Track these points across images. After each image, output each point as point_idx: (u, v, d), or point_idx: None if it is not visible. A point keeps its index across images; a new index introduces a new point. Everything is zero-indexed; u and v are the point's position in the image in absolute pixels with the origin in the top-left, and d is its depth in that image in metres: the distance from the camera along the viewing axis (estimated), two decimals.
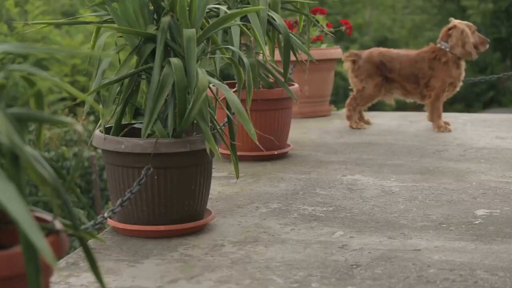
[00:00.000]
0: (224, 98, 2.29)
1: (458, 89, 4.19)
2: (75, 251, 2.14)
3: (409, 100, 4.27)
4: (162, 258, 2.09)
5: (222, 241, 2.24)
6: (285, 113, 3.35)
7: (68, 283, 1.91)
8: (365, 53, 4.22)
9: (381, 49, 4.26)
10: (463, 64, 4.13)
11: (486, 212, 2.53)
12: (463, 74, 4.15)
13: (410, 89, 4.15)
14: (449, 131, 4.11)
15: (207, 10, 2.45)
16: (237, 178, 2.41)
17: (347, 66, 4.25)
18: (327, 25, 4.59)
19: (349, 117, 4.24)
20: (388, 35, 15.59)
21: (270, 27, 3.22)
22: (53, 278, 1.93)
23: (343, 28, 4.74)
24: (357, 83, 4.19)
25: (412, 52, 4.19)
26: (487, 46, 4.16)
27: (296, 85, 3.42)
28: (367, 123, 4.37)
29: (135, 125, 2.40)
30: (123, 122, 2.37)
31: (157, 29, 2.25)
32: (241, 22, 2.66)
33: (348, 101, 4.23)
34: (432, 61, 4.08)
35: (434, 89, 4.08)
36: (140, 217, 2.25)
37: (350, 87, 4.28)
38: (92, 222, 2.03)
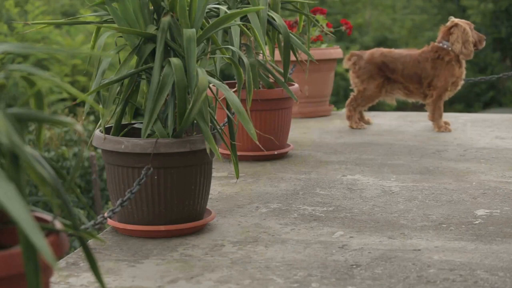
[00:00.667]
0: (224, 98, 2.29)
1: (459, 87, 4.19)
2: (75, 251, 2.14)
3: (411, 100, 4.27)
4: (162, 258, 2.09)
5: (222, 241, 2.24)
6: (285, 113, 3.35)
7: (68, 283, 1.91)
8: (366, 53, 4.22)
9: (383, 49, 4.25)
10: (464, 62, 4.14)
11: (486, 212, 2.53)
12: (464, 72, 4.16)
13: (412, 89, 4.15)
14: (449, 131, 4.11)
15: (207, 10, 2.45)
16: (237, 178, 2.41)
17: (347, 65, 4.25)
18: (327, 25, 4.60)
19: (349, 117, 4.24)
20: (388, 35, 15.58)
21: (270, 27, 3.22)
22: (53, 278, 1.93)
23: (343, 28, 4.74)
24: (358, 84, 4.20)
25: (413, 52, 4.19)
26: (484, 43, 4.17)
27: (296, 85, 3.42)
28: (367, 123, 4.37)
29: (135, 125, 2.40)
30: (123, 122, 2.37)
31: (157, 29, 2.25)
32: (241, 22, 2.66)
33: (348, 101, 4.23)
34: (435, 60, 4.08)
35: (437, 88, 4.08)
36: (140, 217, 2.25)
37: (350, 87, 4.29)
38: (92, 222, 2.03)
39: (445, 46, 4.09)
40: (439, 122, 4.13)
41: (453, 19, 4.17)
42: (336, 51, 4.67)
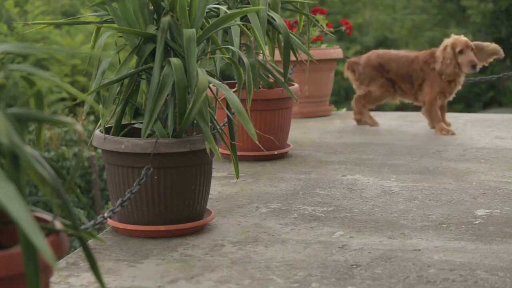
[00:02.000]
0: (224, 98, 2.29)
1: (449, 99, 4.14)
2: (75, 251, 2.14)
3: (407, 100, 4.30)
4: (162, 258, 2.09)
5: (222, 241, 2.24)
6: (285, 113, 3.35)
7: (68, 283, 1.91)
8: (363, 58, 4.28)
9: (379, 51, 4.31)
10: (458, 80, 4.05)
11: (486, 212, 2.53)
12: (457, 88, 4.09)
13: (405, 89, 4.19)
14: (453, 134, 4.04)
15: (207, 10, 2.44)
16: (237, 178, 2.41)
17: (347, 74, 4.32)
18: (327, 25, 4.60)
19: (361, 113, 4.27)
20: (388, 35, 15.58)
21: (270, 27, 3.22)
22: (53, 278, 1.93)
23: (343, 28, 4.75)
24: (363, 88, 4.25)
25: (411, 53, 4.22)
26: (473, 70, 3.90)
27: (296, 85, 3.42)
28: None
29: (135, 125, 2.40)
30: (123, 122, 2.37)
31: (157, 29, 2.25)
32: (241, 22, 2.66)
33: (356, 99, 4.26)
34: (423, 64, 4.10)
35: (427, 94, 4.08)
36: (140, 217, 2.25)
37: (353, 89, 4.34)
38: (92, 222, 2.03)
39: None
40: (440, 126, 4.11)
41: (453, 37, 4.05)
42: (336, 51, 4.68)
